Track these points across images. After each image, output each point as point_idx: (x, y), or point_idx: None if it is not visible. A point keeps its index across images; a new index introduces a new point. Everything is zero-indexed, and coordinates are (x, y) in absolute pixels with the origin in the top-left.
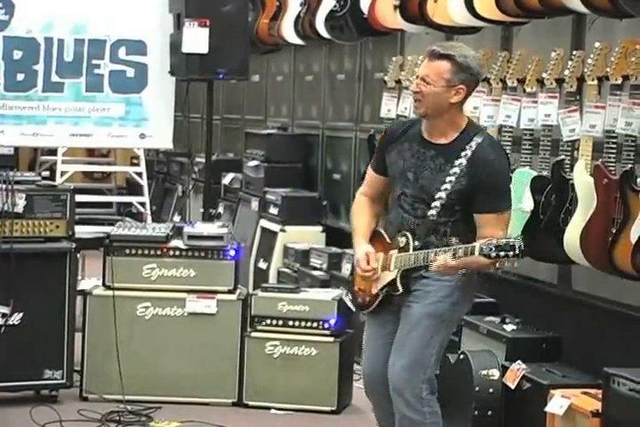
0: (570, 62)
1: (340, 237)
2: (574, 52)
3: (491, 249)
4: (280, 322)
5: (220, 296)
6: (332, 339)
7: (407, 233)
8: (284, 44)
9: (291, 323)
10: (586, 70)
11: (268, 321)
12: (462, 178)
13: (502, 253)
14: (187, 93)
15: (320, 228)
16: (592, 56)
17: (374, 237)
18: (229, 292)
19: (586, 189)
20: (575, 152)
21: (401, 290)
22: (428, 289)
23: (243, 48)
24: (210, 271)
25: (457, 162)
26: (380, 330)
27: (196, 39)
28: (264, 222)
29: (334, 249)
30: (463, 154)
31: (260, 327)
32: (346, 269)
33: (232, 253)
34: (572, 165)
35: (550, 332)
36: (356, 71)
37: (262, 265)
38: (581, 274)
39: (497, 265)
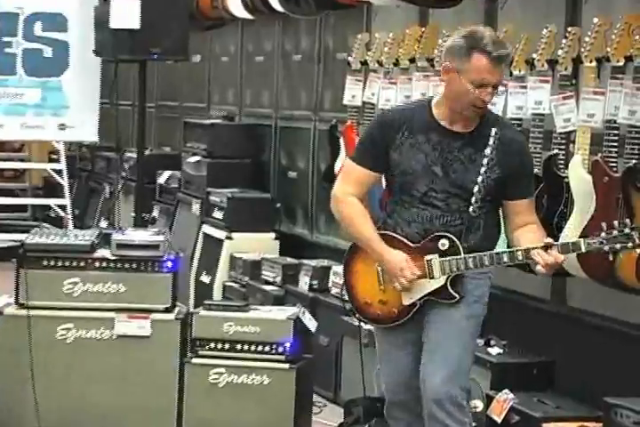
0: (564, 41)
1: (296, 246)
2: (569, 29)
3: (602, 243)
4: (226, 346)
5: (154, 316)
6: (287, 365)
7: (448, 235)
8: (229, 18)
9: (239, 347)
10: (582, 50)
11: (212, 345)
12: (495, 166)
13: (618, 246)
14: (115, 77)
15: (273, 235)
16: (590, 33)
17: (387, 244)
18: (166, 310)
19: (583, 188)
20: (570, 146)
21: (458, 297)
22: (467, 289)
23: (181, 23)
24: (143, 286)
25: (486, 151)
26: (399, 339)
27: (126, 13)
28: (207, 228)
29: (289, 260)
30: (490, 142)
31: (202, 352)
32: (304, 282)
33: (169, 264)
34: (567, 161)
35: (542, 356)
36: (314, 51)
37: (205, 279)
38: (578, 288)
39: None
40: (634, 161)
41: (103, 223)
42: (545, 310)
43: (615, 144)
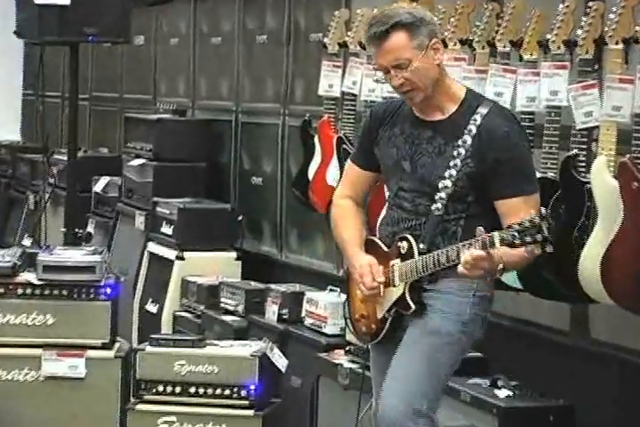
0: (584, 18)
1: (262, 267)
2: (590, 4)
3: (514, 236)
4: (177, 389)
5: (90, 353)
6: (251, 412)
7: (407, 236)
8: None
9: (193, 390)
10: (607, 29)
11: (161, 388)
12: (469, 159)
13: (528, 239)
14: (41, 63)
15: (234, 254)
16: (615, 9)
17: (367, 249)
18: (104, 347)
19: (608, 196)
20: (593, 145)
21: (413, 307)
22: (431, 302)
23: None
24: (76, 317)
25: (460, 141)
26: (382, 359)
27: None
28: (153, 246)
29: (254, 284)
30: (467, 130)
31: (148, 397)
32: (271, 311)
33: (108, 290)
34: (589, 163)
35: (559, 399)
36: (283, 31)
37: (151, 308)
38: (603, 317)
39: (528, 255)
40: None
41: (27, 241)
42: (563, 343)
43: None
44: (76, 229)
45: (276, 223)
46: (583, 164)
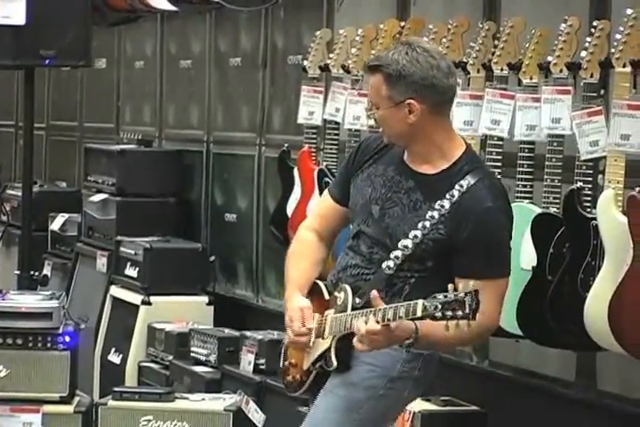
0: (589, 39)
1: (236, 313)
2: (595, 23)
3: (436, 307)
4: None
5: (47, 408)
6: None
7: (346, 286)
8: (145, 10)
9: None
10: (613, 51)
11: None
12: (442, 225)
13: (449, 313)
14: None
15: (205, 298)
16: (622, 29)
17: (311, 293)
18: (62, 401)
19: (616, 233)
20: (599, 177)
21: (335, 364)
22: (357, 354)
23: (81, 17)
24: (31, 369)
25: (438, 203)
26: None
27: (8, 4)
28: (117, 290)
29: (228, 331)
30: (449, 194)
31: None
32: (247, 362)
33: (66, 339)
34: (596, 197)
35: None
36: (259, 53)
37: (114, 358)
38: (611, 366)
39: (448, 330)
40: None
41: None
42: (569, 395)
43: None
44: (31, 272)
45: (252, 264)
46: (588, 198)
